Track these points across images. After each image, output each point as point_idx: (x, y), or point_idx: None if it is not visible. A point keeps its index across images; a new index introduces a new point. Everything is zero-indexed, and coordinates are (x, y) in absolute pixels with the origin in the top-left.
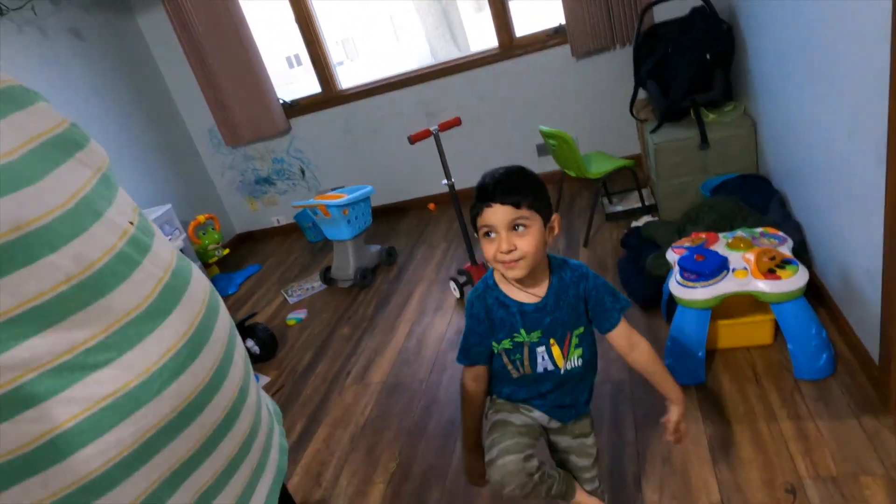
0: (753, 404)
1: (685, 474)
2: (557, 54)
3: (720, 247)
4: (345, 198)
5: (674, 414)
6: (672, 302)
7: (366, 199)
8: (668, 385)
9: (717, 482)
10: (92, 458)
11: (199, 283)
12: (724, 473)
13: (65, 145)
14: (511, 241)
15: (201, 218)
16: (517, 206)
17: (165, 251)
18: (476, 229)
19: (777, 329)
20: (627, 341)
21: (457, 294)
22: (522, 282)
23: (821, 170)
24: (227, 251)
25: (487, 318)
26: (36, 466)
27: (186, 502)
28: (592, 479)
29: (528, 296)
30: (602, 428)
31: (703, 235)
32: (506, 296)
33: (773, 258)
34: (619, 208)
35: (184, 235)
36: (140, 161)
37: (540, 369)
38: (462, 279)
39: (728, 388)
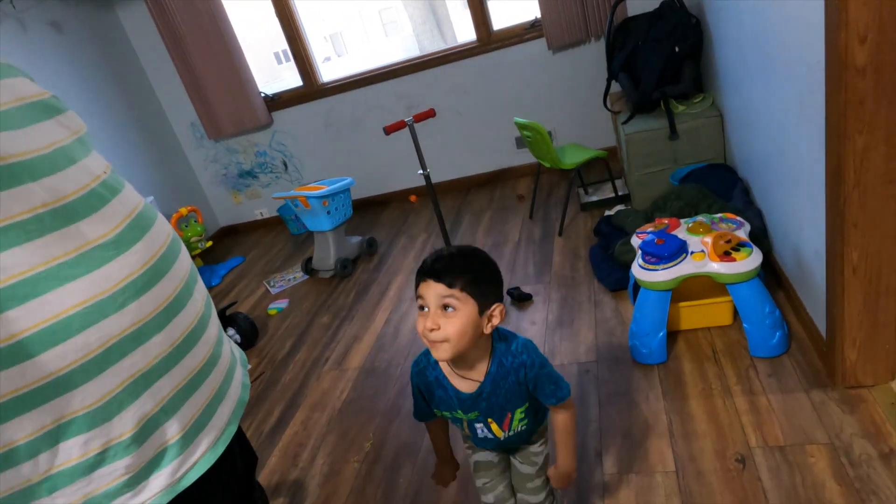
0: (711, 381)
1: (643, 448)
2: (534, 48)
3: (681, 231)
4: (324, 189)
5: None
6: (638, 285)
7: (345, 190)
8: (562, 453)
9: (673, 454)
10: (62, 356)
11: (162, 229)
12: (679, 446)
13: (46, 109)
14: (436, 321)
15: (183, 210)
16: (450, 286)
17: (134, 198)
18: None
19: (736, 310)
20: (555, 412)
21: None
22: (456, 364)
23: (775, 156)
24: (210, 243)
25: (427, 391)
26: (13, 359)
27: (149, 409)
28: (536, 489)
29: (465, 382)
30: None
31: (666, 221)
32: (445, 378)
33: (728, 241)
34: (594, 198)
35: None
36: (121, 154)
37: (481, 435)
38: None
39: (688, 366)
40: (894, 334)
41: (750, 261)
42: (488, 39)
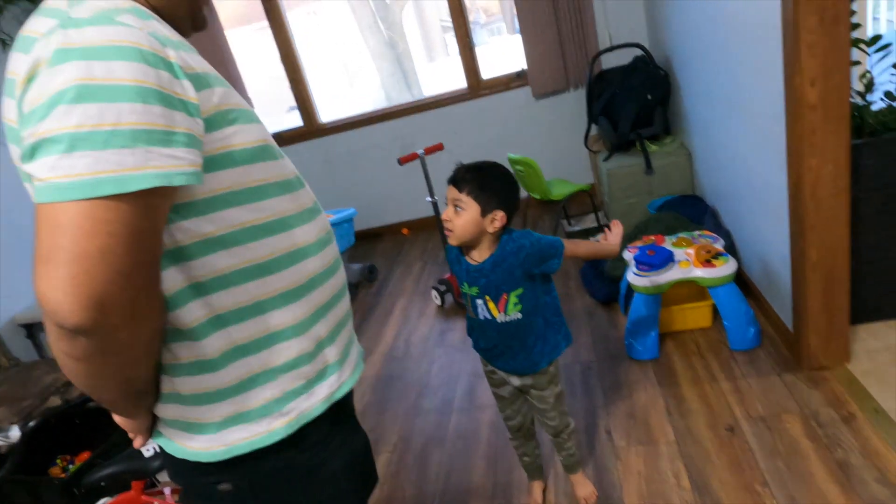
0: (698, 371)
1: (646, 424)
2: (519, 95)
3: (667, 245)
4: (330, 217)
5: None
6: (629, 295)
7: (349, 220)
8: (602, 249)
9: (672, 428)
10: (306, 269)
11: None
12: (677, 421)
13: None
14: (449, 215)
15: None
16: (459, 190)
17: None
18: None
19: (714, 314)
20: (572, 258)
21: (438, 301)
22: (467, 250)
23: (741, 183)
24: None
25: (452, 265)
26: (291, 262)
27: (322, 334)
28: (553, 417)
29: (472, 260)
30: (576, 397)
31: (653, 238)
32: (462, 256)
33: (708, 251)
34: (577, 228)
35: None
36: None
37: (481, 317)
38: (442, 288)
39: (677, 360)
40: (846, 321)
41: (727, 266)
42: (478, 87)
